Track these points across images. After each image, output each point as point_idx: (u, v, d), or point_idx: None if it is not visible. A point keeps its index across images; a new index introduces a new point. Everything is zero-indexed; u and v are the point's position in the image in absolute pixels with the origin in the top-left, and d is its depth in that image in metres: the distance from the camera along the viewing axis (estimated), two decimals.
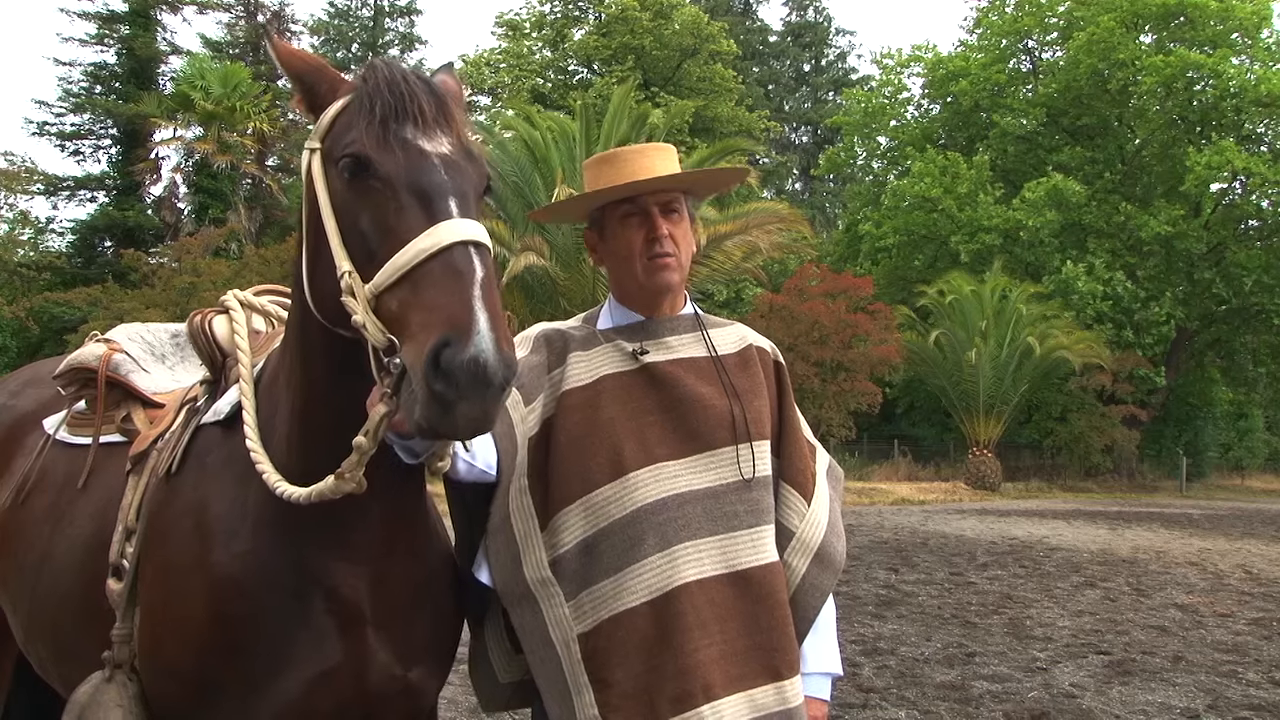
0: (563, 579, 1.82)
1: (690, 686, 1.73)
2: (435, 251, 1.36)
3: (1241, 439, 38.44)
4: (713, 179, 2.15)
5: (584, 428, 1.85)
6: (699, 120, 34.46)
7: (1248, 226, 30.92)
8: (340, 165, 1.47)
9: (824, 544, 1.94)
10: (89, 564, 1.91)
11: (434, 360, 1.28)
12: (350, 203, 1.47)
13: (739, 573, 1.82)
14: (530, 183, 19.42)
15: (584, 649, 1.78)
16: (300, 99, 1.59)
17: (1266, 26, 29.82)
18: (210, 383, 1.95)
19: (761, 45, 50.97)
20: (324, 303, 1.54)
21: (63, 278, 27.52)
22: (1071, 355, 24.37)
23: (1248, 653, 6.62)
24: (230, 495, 1.74)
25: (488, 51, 38.39)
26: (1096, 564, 11.08)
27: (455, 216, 1.41)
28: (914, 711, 5.02)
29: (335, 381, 1.60)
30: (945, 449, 30.19)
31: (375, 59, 1.56)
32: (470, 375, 1.26)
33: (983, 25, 33.71)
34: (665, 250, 1.89)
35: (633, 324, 1.96)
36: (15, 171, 28.48)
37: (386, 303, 1.37)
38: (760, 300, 24.53)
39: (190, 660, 1.68)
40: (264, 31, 3.80)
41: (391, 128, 1.46)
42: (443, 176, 1.45)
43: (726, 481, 1.86)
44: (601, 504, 1.81)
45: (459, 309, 1.30)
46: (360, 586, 1.71)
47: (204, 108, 25.91)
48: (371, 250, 1.42)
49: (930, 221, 29.85)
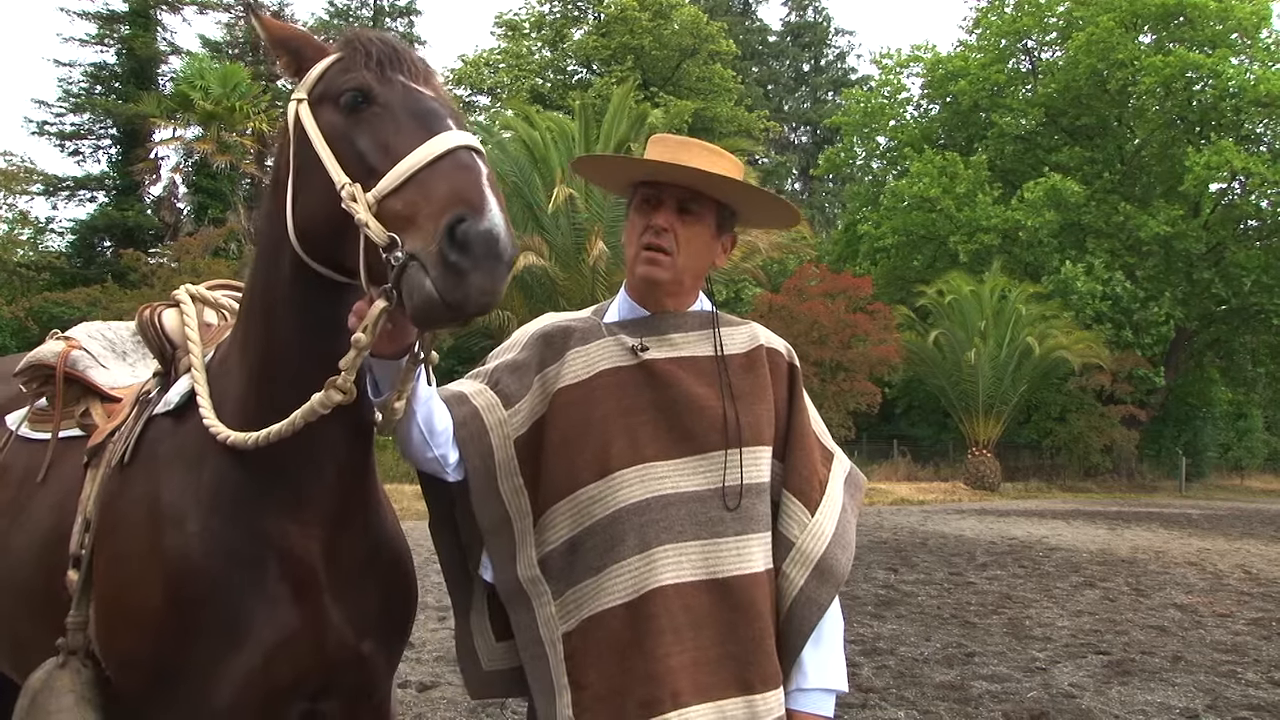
0: (550, 577, 1.81)
1: (659, 693, 1.69)
2: (442, 153, 1.45)
3: (1241, 439, 38.47)
4: (748, 197, 1.91)
5: (576, 425, 1.82)
6: (698, 120, 34.46)
7: (1247, 226, 30.93)
8: (341, 99, 1.58)
9: (826, 556, 1.85)
10: (47, 556, 1.94)
11: (450, 232, 1.35)
12: (347, 130, 1.56)
13: (719, 580, 1.76)
14: (529, 183, 19.41)
15: (566, 648, 1.77)
16: (287, 62, 1.70)
17: (1266, 26, 29.83)
18: (161, 375, 1.98)
19: (761, 45, 50.98)
20: (308, 228, 1.60)
21: (62, 278, 27.46)
22: (1071, 355, 24.38)
23: (1247, 653, 6.63)
24: (181, 482, 1.77)
25: (487, 51, 38.43)
26: (1096, 564, 11.08)
27: (454, 129, 1.51)
28: (913, 711, 5.02)
29: (301, 340, 1.66)
30: (944, 449, 30.21)
31: (358, 28, 1.70)
32: (485, 245, 1.35)
33: (982, 25, 33.71)
34: (658, 243, 1.83)
35: (639, 319, 1.91)
36: (15, 171, 28.42)
37: (390, 205, 1.44)
38: (759, 300, 24.53)
39: (146, 647, 1.71)
40: (249, 10, 3.81)
41: (388, 70, 1.59)
42: (437, 105, 1.58)
43: (715, 486, 1.80)
44: (586, 502, 1.79)
45: (471, 191, 1.40)
46: (315, 550, 1.75)
47: (203, 108, 25.87)
48: (371, 166, 1.50)
49: (929, 221, 29.85)
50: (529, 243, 17.65)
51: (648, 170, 1.85)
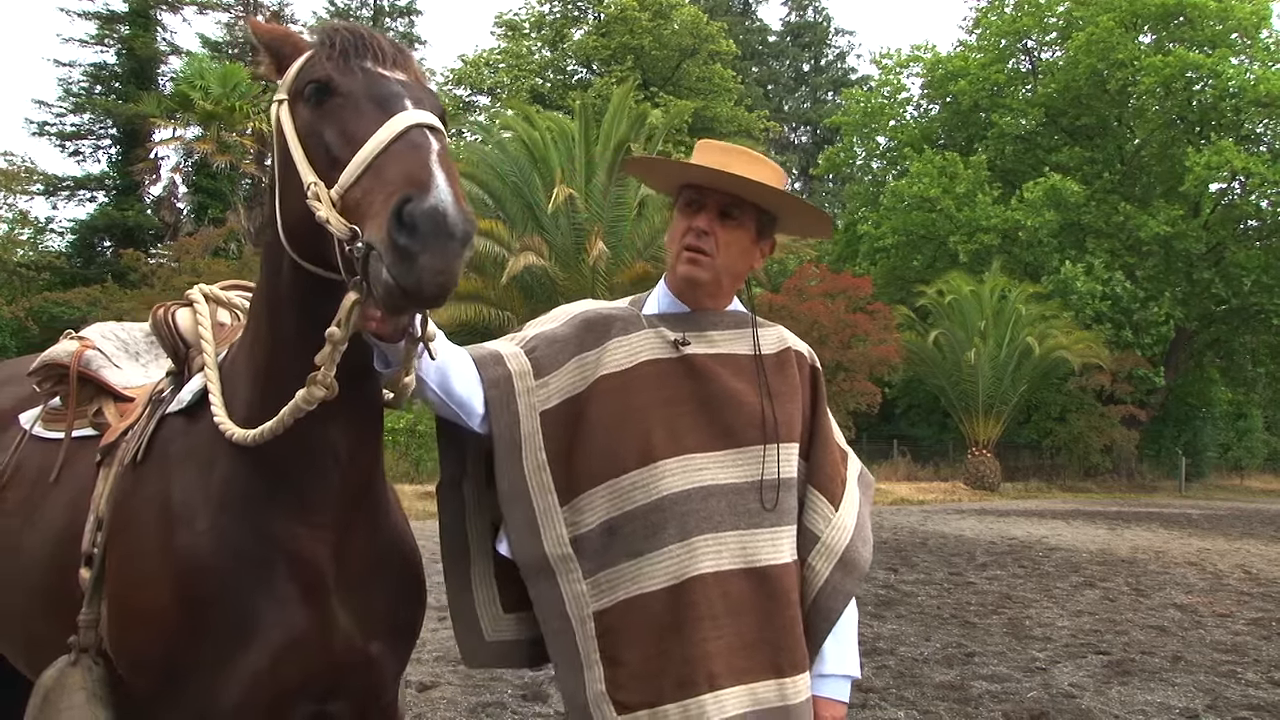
0: (583, 556, 1.86)
1: (695, 674, 1.77)
2: (395, 135, 1.42)
3: (1241, 439, 38.48)
4: (787, 205, 1.98)
5: (616, 412, 1.88)
6: (698, 120, 34.48)
7: (1247, 226, 30.94)
8: (306, 94, 1.57)
9: (849, 549, 1.96)
10: (60, 554, 1.94)
11: (397, 215, 1.32)
12: (314, 124, 1.55)
13: (756, 569, 1.85)
14: (529, 183, 19.40)
15: (598, 626, 1.83)
16: (271, 64, 1.69)
17: (1266, 26, 29.85)
18: (174, 374, 1.99)
19: (761, 45, 50.98)
20: (294, 229, 1.59)
21: (62, 278, 27.45)
22: (1070, 355, 24.38)
23: (1247, 653, 6.63)
24: (193, 480, 1.78)
25: (487, 51, 38.42)
26: (1096, 564, 11.09)
27: (409, 109, 1.48)
28: (913, 711, 5.02)
29: (303, 339, 1.64)
30: (944, 449, 30.20)
31: (332, 21, 1.68)
32: (432, 223, 1.31)
33: (982, 25, 33.72)
34: (699, 245, 1.90)
35: (678, 314, 1.98)
36: (15, 171, 28.40)
37: (351, 195, 1.42)
38: (759, 300, 24.48)
39: (155, 645, 1.71)
40: (246, 15, 3.84)
41: (352, 59, 1.57)
42: (399, 88, 1.54)
43: (752, 479, 1.88)
44: (628, 488, 1.84)
45: (417, 170, 1.36)
46: (323, 553, 1.75)
47: (203, 108, 25.88)
48: (335, 158, 1.49)
49: (929, 221, 29.86)
50: (529, 243, 17.64)
51: (692, 175, 1.92)
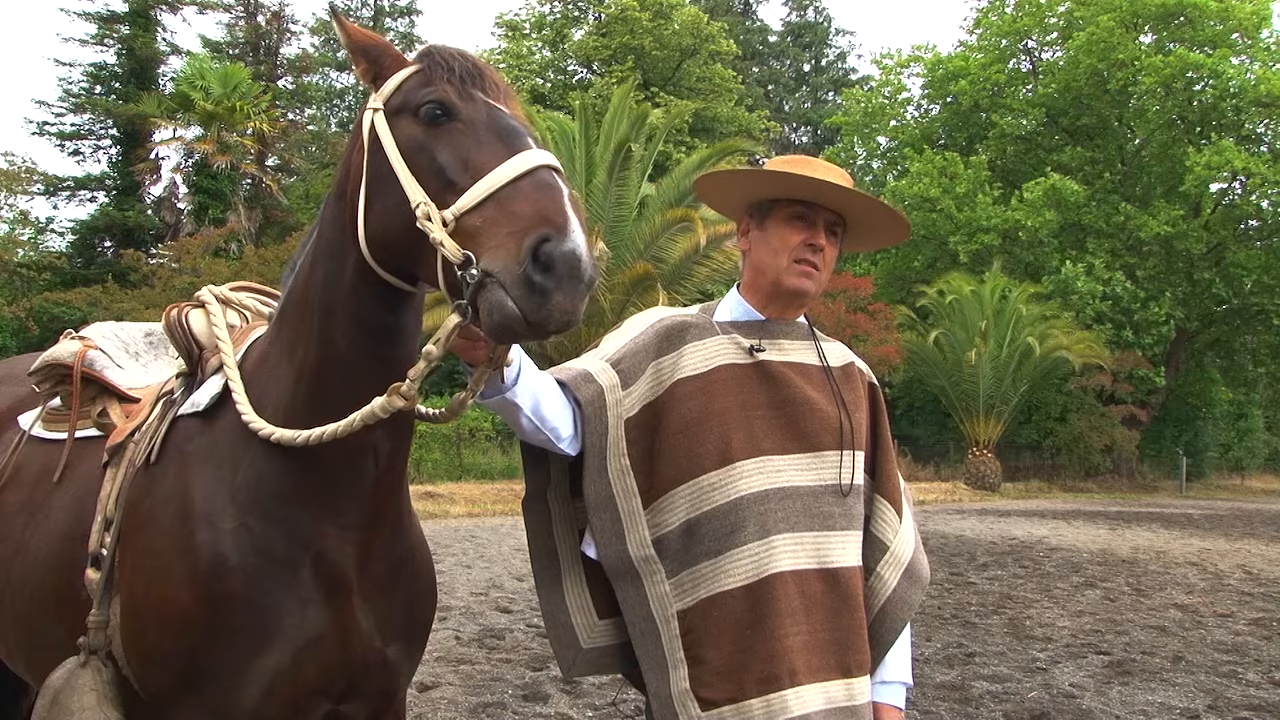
0: (665, 557, 1.91)
1: (777, 670, 1.82)
2: (524, 172, 1.46)
3: (1241, 439, 38.48)
4: (879, 214, 2.05)
5: (696, 415, 1.92)
6: (699, 120, 34.47)
7: (1247, 226, 30.94)
8: (422, 111, 1.58)
9: (914, 560, 2.05)
10: (65, 555, 1.94)
11: (534, 253, 1.36)
12: (426, 143, 1.57)
13: (830, 570, 1.91)
14: None
15: (681, 625, 1.88)
16: (365, 69, 1.70)
17: (1266, 26, 29.86)
18: (186, 375, 1.97)
19: (761, 45, 50.96)
20: (385, 240, 1.60)
21: (63, 278, 27.46)
22: (1071, 355, 24.40)
23: (1248, 653, 6.62)
24: (213, 481, 1.77)
25: (487, 52, 38.37)
26: (1096, 564, 11.08)
27: (535, 148, 1.52)
28: (914, 711, 5.01)
29: (352, 347, 1.68)
30: (945, 449, 30.21)
31: (438, 44, 1.70)
32: (568, 266, 1.36)
33: (982, 25, 33.75)
34: (815, 261, 1.97)
35: (751, 321, 2.03)
36: (15, 171, 28.45)
37: (468, 223, 1.45)
38: None
39: (174, 645, 1.70)
40: (330, 12, 3.83)
41: (469, 86, 1.61)
42: (519, 125, 1.59)
43: (826, 484, 1.94)
44: (707, 489, 1.89)
45: (554, 212, 1.40)
46: (350, 553, 1.76)
47: (204, 108, 25.90)
48: (450, 180, 1.51)
49: (929, 221, 29.87)
50: None
51: (813, 189, 1.95)
